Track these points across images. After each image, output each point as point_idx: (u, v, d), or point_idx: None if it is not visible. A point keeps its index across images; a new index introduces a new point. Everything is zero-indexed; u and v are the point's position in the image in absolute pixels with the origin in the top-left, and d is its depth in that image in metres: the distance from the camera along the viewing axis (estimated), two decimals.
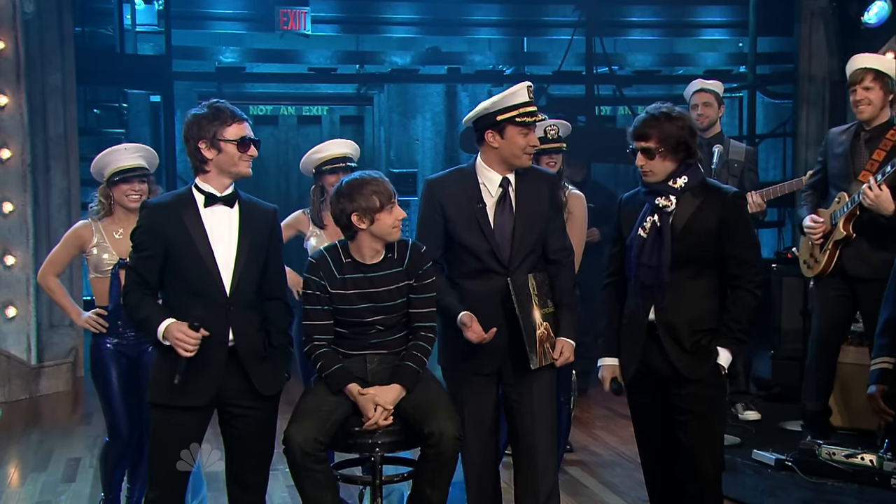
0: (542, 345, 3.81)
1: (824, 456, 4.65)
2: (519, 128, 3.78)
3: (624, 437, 6.26)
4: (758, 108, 10.62)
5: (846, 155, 4.93)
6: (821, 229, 4.98)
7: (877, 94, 4.78)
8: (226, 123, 3.53)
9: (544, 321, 3.82)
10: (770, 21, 9.78)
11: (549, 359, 3.84)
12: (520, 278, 3.81)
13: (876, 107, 4.80)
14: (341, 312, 3.79)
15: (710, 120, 5.81)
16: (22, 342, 7.95)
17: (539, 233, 3.87)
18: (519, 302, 3.77)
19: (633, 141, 3.68)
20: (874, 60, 4.88)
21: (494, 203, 3.86)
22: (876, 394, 3.58)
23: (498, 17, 11.77)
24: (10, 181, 7.85)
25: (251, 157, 3.58)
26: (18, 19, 7.78)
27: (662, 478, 3.87)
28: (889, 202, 4.61)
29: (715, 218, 3.62)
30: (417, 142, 12.48)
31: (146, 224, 3.56)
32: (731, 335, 3.65)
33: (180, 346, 3.44)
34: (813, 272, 5.11)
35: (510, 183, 3.87)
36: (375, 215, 3.70)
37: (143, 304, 3.54)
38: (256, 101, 12.00)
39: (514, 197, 3.87)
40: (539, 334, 3.79)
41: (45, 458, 6.18)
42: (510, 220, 3.84)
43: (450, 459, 3.70)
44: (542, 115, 4.15)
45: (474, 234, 3.84)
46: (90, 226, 4.53)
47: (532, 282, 3.80)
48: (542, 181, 3.94)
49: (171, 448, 3.56)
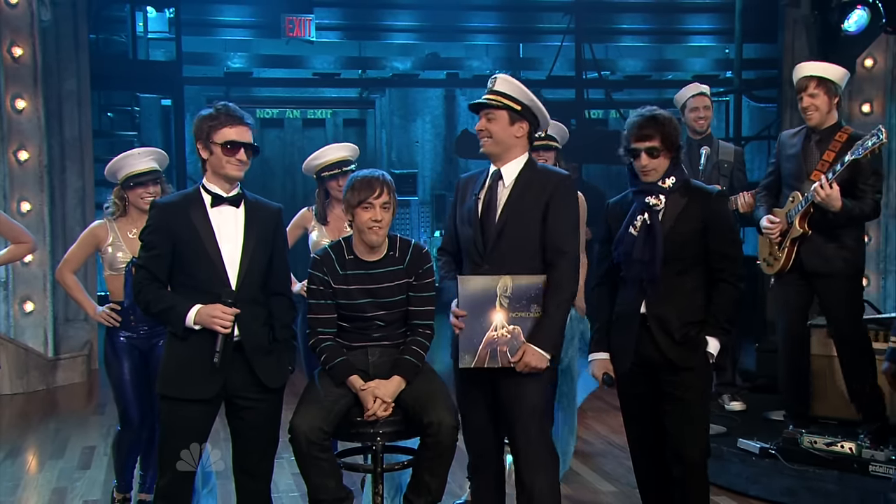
0: (489, 346, 3.65)
1: (806, 444, 4.76)
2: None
3: (614, 427, 6.30)
4: (743, 112, 10.67)
5: (798, 156, 5.00)
6: (778, 228, 5.04)
7: (822, 99, 4.84)
8: (219, 125, 3.53)
9: (513, 325, 3.65)
10: (755, 28, 9.84)
11: (502, 363, 3.66)
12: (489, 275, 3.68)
13: (822, 112, 4.86)
14: (344, 307, 3.83)
15: (708, 122, 5.88)
16: (39, 336, 8.05)
17: (531, 232, 3.70)
18: (472, 298, 3.65)
19: (633, 142, 3.69)
20: (816, 68, 4.93)
21: (484, 195, 3.78)
22: (888, 371, 3.61)
23: (495, 24, 11.84)
24: (28, 181, 7.95)
25: (240, 161, 3.55)
26: (36, 27, 7.90)
27: (650, 465, 3.94)
28: (837, 199, 4.71)
29: (700, 217, 3.70)
30: (417, 144, 12.58)
31: (155, 223, 3.58)
32: (718, 325, 3.73)
33: (217, 324, 3.46)
34: (773, 270, 5.14)
35: (501, 176, 3.76)
36: (353, 211, 3.75)
37: (162, 296, 3.56)
38: (263, 105, 12.09)
39: (507, 191, 3.74)
40: (492, 335, 3.65)
41: (61, 446, 6.28)
42: (494, 211, 3.74)
43: (448, 448, 3.73)
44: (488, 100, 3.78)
45: (464, 225, 3.81)
46: (105, 225, 4.58)
47: (506, 283, 3.64)
48: (550, 180, 3.75)
49: (180, 438, 3.58)
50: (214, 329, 3.49)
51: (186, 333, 3.54)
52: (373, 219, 3.73)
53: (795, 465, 4.77)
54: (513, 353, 3.66)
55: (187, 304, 3.52)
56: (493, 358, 3.67)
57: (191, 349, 3.55)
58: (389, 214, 3.78)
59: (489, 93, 3.75)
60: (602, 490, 5.28)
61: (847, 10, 7.56)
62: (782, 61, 9.36)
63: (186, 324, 3.51)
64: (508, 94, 3.73)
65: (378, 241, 3.80)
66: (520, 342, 3.66)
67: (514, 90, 3.75)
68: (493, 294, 3.66)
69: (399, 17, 11.61)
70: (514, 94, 3.74)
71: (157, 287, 3.59)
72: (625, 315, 3.81)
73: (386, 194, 3.75)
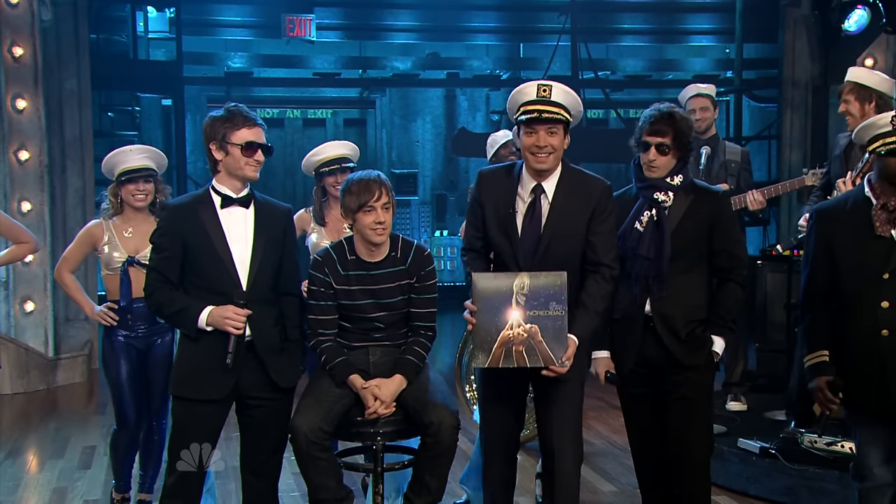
0: (504, 345, 3.52)
1: (806, 444, 4.76)
2: (524, 126, 3.58)
3: (615, 427, 6.25)
4: (744, 112, 10.71)
5: (841, 157, 5.03)
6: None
7: (854, 105, 4.89)
8: (235, 127, 3.53)
9: (530, 323, 3.50)
10: (755, 28, 9.87)
11: (518, 363, 3.53)
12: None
13: (856, 117, 4.85)
14: (345, 307, 3.81)
15: (707, 123, 5.86)
16: (40, 335, 8.05)
17: (573, 248, 3.62)
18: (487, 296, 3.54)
19: (645, 135, 3.67)
20: (856, 74, 4.98)
21: (525, 209, 3.65)
22: (823, 385, 3.49)
23: (495, 24, 11.87)
24: (29, 181, 7.94)
25: (258, 161, 3.56)
26: (36, 27, 7.90)
27: (651, 465, 3.92)
28: None
29: (705, 215, 3.69)
30: (418, 143, 12.61)
31: (166, 225, 3.59)
32: (723, 324, 3.72)
33: (230, 325, 3.48)
34: None
35: (543, 191, 3.64)
36: (354, 215, 3.71)
37: (174, 298, 3.56)
38: (263, 105, 12.09)
39: (547, 204, 3.63)
40: (507, 334, 3.51)
41: (61, 446, 6.28)
42: (538, 228, 3.63)
43: (448, 448, 3.71)
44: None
45: (502, 237, 3.68)
46: (101, 225, 4.55)
47: (523, 280, 3.52)
48: (589, 190, 3.64)
49: (191, 438, 3.58)
50: (227, 330, 3.50)
51: (199, 335, 3.55)
52: (376, 221, 3.70)
53: (795, 464, 4.78)
54: (529, 353, 3.52)
55: (199, 305, 3.53)
56: (509, 357, 3.53)
57: (203, 350, 3.56)
58: (390, 214, 3.75)
59: (546, 103, 3.56)
60: (602, 490, 5.27)
61: (847, 9, 7.56)
62: (782, 61, 9.41)
63: (199, 325, 3.52)
64: (566, 107, 3.60)
65: (382, 240, 3.77)
66: (536, 342, 3.51)
67: (572, 102, 3.62)
68: (510, 292, 3.53)
69: (399, 17, 11.64)
70: (571, 105, 3.62)
71: (168, 289, 3.59)
72: (628, 315, 3.77)
73: (385, 195, 3.72)
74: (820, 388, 3.52)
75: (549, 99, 3.57)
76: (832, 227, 3.51)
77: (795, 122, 9.03)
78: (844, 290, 3.48)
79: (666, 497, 3.90)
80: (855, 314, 3.45)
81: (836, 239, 3.49)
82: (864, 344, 3.44)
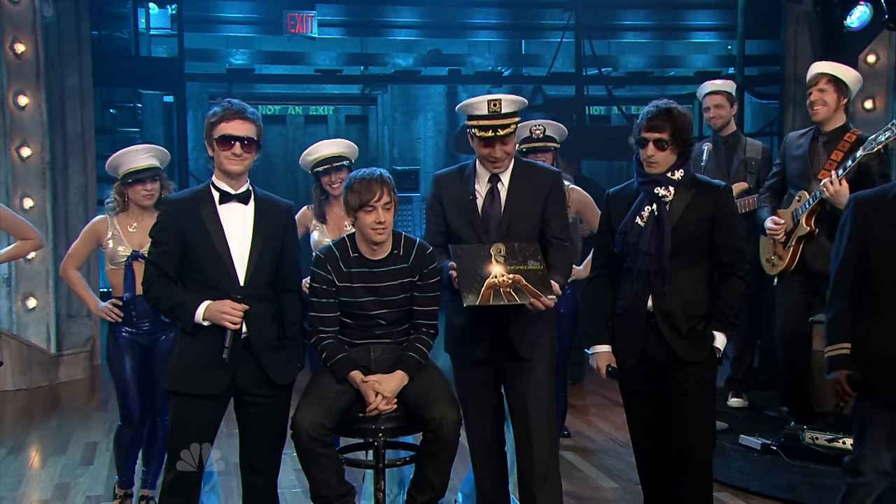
0: (492, 288, 3.60)
1: (807, 440, 4.78)
2: (478, 139, 3.76)
3: (617, 424, 6.28)
4: (746, 108, 10.66)
5: (805, 157, 5.00)
6: (782, 229, 5.04)
7: (830, 96, 4.88)
8: (217, 122, 3.55)
9: (513, 274, 3.61)
10: (757, 25, 9.81)
11: (507, 300, 3.60)
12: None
13: (829, 108, 4.89)
14: (347, 304, 3.82)
15: (723, 120, 5.77)
16: (42, 332, 8.08)
17: (530, 226, 3.81)
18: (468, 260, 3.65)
19: (643, 132, 3.68)
20: (831, 67, 4.99)
21: (484, 195, 3.84)
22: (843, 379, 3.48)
23: (497, 20, 11.87)
24: (31, 178, 7.97)
25: (235, 154, 3.54)
26: (38, 24, 7.92)
27: (653, 461, 3.92)
28: (846, 196, 4.62)
29: (708, 210, 3.69)
30: (419, 140, 12.55)
31: (165, 220, 3.61)
32: (725, 320, 3.72)
33: (227, 320, 3.50)
34: (776, 269, 5.13)
35: (500, 179, 3.83)
36: (356, 213, 3.73)
37: (172, 292, 3.59)
38: (265, 102, 12.04)
39: (504, 190, 3.82)
40: (493, 281, 3.59)
41: (64, 442, 6.30)
42: (498, 211, 3.81)
43: (450, 444, 3.73)
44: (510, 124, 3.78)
45: (464, 223, 3.84)
46: (106, 220, 4.59)
47: (499, 247, 3.66)
48: (541, 178, 3.88)
49: (189, 433, 3.60)
50: (223, 325, 3.52)
51: (196, 329, 3.57)
52: (376, 221, 3.71)
53: (797, 461, 4.78)
54: (517, 292, 3.61)
55: (196, 300, 3.55)
56: (498, 296, 3.60)
57: (200, 345, 3.58)
58: (391, 214, 3.75)
59: (497, 117, 3.73)
60: (604, 486, 5.29)
61: (849, 6, 7.58)
62: (785, 57, 9.37)
63: (196, 320, 3.54)
64: (516, 113, 3.79)
65: (383, 240, 3.78)
66: (523, 285, 3.61)
67: (519, 104, 3.82)
68: (488, 254, 3.68)
69: (401, 14, 11.64)
70: (519, 107, 3.81)
71: (166, 283, 3.61)
72: (630, 311, 3.78)
73: (386, 195, 3.73)
74: (839, 381, 3.50)
75: (500, 112, 3.73)
76: (871, 214, 3.47)
77: (797, 119, 9.00)
78: (876, 284, 3.43)
79: (668, 493, 3.90)
80: (886, 310, 3.40)
81: (871, 228, 3.45)
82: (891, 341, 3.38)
